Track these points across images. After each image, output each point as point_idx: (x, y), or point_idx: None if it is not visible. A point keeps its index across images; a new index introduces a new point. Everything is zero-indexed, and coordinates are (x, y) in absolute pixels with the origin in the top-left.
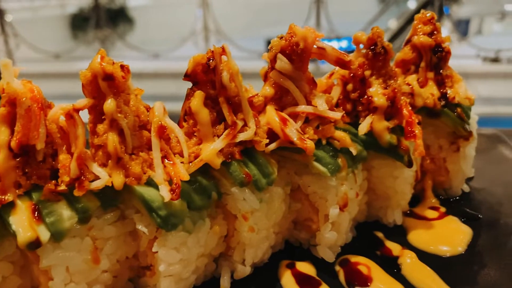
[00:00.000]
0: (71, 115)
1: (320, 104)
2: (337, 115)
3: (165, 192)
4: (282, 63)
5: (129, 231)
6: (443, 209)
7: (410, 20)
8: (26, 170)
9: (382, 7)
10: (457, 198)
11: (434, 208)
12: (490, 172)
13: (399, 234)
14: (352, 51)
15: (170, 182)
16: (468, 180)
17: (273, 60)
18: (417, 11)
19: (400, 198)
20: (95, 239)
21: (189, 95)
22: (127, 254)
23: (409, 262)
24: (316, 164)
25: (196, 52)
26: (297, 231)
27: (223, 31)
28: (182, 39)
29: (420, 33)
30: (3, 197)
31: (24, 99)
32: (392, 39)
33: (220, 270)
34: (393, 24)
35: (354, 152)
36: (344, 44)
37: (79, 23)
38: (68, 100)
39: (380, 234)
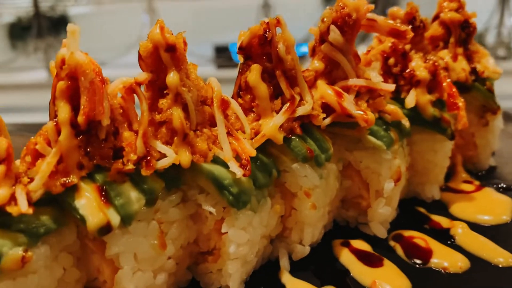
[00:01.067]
0: (133, 90)
1: (374, 77)
2: (390, 87)
3: (236, 169)
4: (335, 35)
5: (190, 214)
6: (477, 182)
7: None
8: (88, 149)
9: None
10: (485, 171)
11: (468, 182)
12: (507, 147)
13: (440, 208)
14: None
15: (236, 158)
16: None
17: (325, 33)
18: None
19: (439, 172)
20: (161, 222)
21: (243, 70)
22: (189, 239)
23: (461, 232)
24: (371, 137)
25: None
26: (344, 209)
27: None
28: (129, 46)
29: (447, 10)
30: (66, 179)
31: (88, 71)
32: None
33: (276, 252)
34: None
35: (407, 124)
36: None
37: (18, 32)
38: (10, 114)
39: (422, 209)
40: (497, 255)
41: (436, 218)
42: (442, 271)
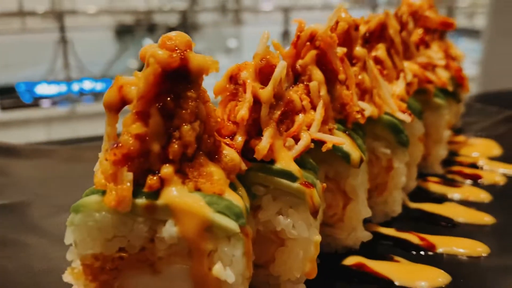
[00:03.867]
0: (343, 59)
1: (435, 54)
2: (443, 62)
3: (404, 116)
4: (411, 25)
5: None
6: (463, 135)
7: None
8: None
9: (120, 47)
10: (458, 129)
11: (457, 135)
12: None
13: (452, 153)
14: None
15: None
16: None
17: (405, 23)
18: None
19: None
20: None
21: (369, 50)
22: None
23: (484, 163)
24: (437, 99)
25: None
26: None
27: None
28: None
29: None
30: (329, 127)
31: (332, 42)
32: None
33: None
34: (133, 64)
35: (450, 89)
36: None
37: None
38: None
39: None
40: None
41: (459, 158)
42: (494, 185)
